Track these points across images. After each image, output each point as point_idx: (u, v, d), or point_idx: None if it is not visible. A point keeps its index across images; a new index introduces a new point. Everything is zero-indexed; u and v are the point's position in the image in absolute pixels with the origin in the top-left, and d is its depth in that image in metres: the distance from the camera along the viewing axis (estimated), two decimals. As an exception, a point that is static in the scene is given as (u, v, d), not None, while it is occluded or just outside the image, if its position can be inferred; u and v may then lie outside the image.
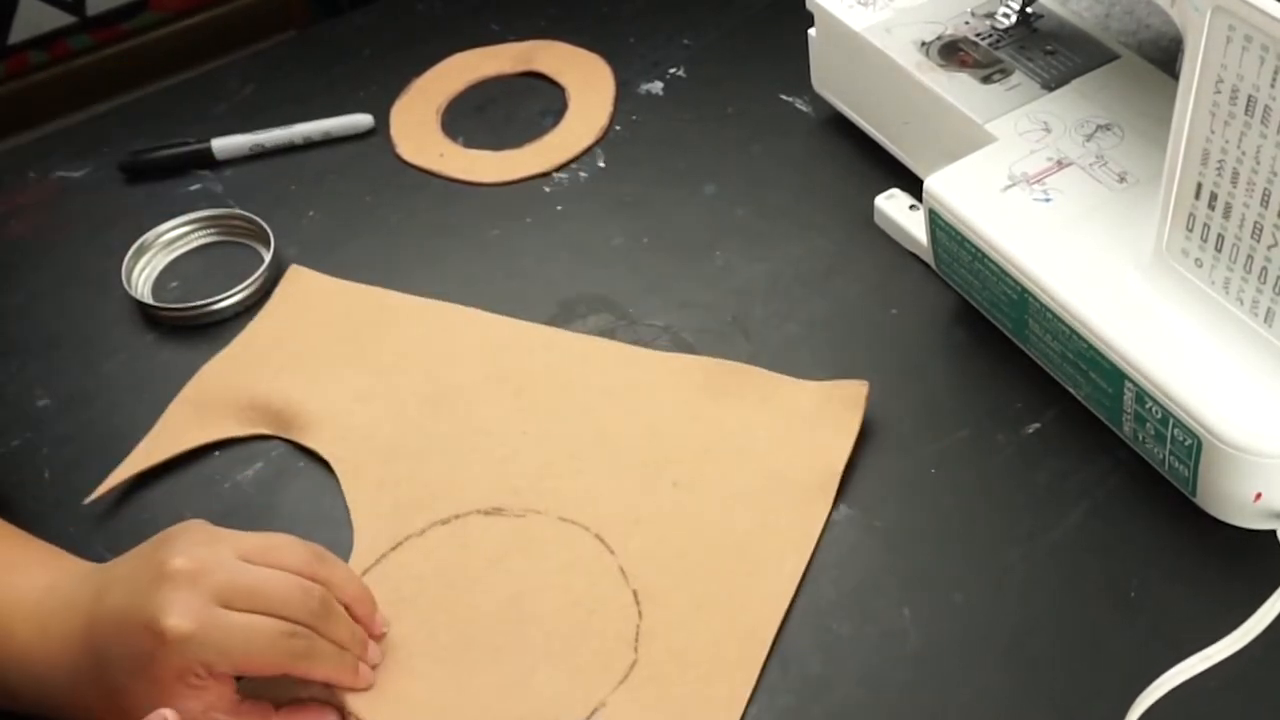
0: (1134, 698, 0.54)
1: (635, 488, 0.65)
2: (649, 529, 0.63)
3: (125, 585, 0.55)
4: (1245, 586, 0.57)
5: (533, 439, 0.68)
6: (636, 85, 0.90)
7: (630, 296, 0.75)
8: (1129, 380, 0.60)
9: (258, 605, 0.55)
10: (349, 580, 0.60)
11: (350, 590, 0.59)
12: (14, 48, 1.58)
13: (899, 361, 0.71)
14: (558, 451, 0.67)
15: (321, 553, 0.59)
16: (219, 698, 0.55)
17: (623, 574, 0.62)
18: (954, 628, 0.60)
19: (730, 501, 0.64)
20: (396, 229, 0.82)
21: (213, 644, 0.54)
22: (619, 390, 0.69)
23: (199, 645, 0.53)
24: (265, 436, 0.70)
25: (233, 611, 0.54)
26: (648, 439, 0.67)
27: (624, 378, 0.70)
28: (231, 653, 0.54)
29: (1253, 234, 0.56)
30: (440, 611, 0.62)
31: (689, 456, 0.66)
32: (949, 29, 0.76)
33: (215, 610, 0.54)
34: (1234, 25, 0.52)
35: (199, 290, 0.78)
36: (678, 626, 0.60)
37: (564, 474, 0.66)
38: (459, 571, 0.63)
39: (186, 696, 0.54)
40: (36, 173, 0.88)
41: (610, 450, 0.67)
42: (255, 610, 0.55)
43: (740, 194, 0.81)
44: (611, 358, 0.71)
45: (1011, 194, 0.66)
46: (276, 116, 0.89)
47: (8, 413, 0.73)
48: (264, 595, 0.55)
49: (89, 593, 0.56)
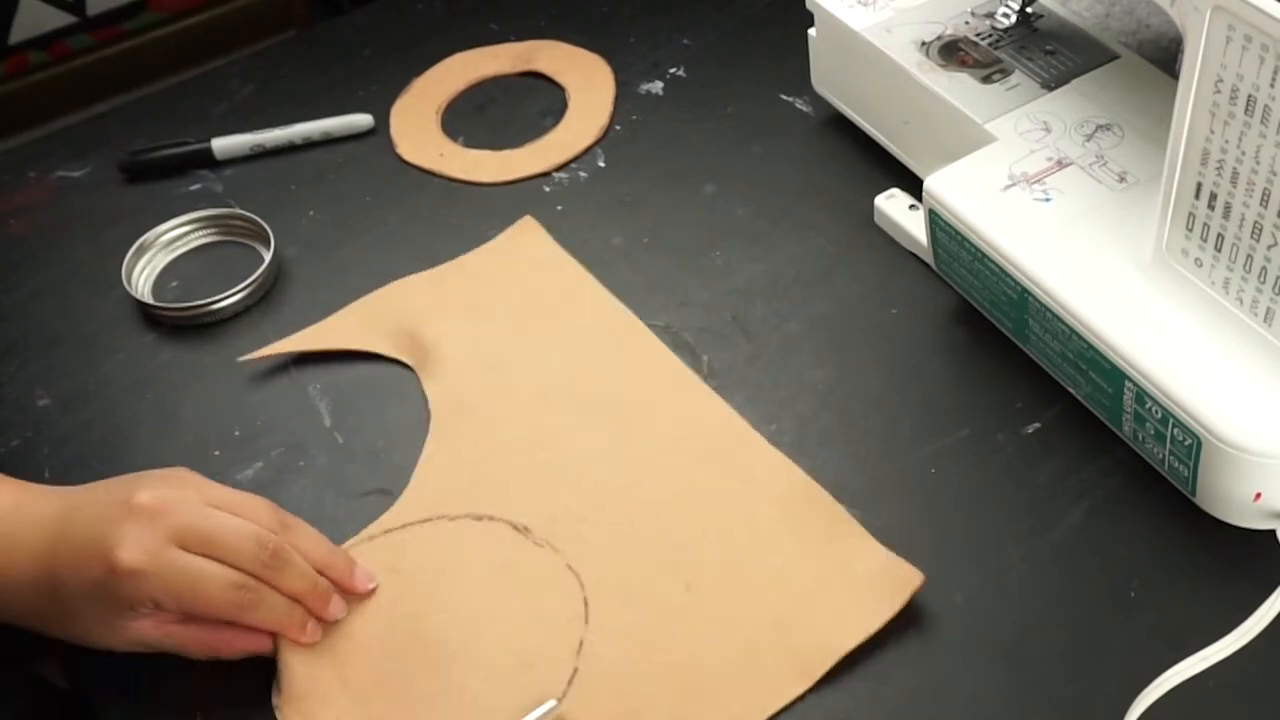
0: (1134, 698, 0.54)
1: (652, 570, 0.62)
2: (644, 622, 0.60)
3: (90, 512, 0.57)
4: (1245, 586, 0.57)
5: (595, 479, 0.66)
6: (636, 85, 0.90)
7: (630, 296, 0.75)
8: (1129, 380, 0.60)
9: (212, 551, 0.57)
10: (316, 545, 0.61)
11: (318, 555, 0.61)
12: (14, 48, 1.58)
13: (899, 361, 0.71)
14: (608, 500, 0.65)
15: (289, 519, 0.61)
16: (167, 622, 0.57)
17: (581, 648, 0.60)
18: (954, 628, 0.60)
19: (728, 625, 0.60)
20: (396, 229, 0.82)
21: (161, 583, 0.56)
22: (704, 460, 0.66)
23: (148, 581, 0.55)
24: (266, 436, 0.70)
25: (186, 555, 0.56)
26: (690, 525, 0.64)
27: (720, 452, 0.66)
28: (179, 594, 0.56)
29: (1253, 234, 0.56)
30: (417, 601, 0.62)
31: (717, 558, 0.62)
32: (949, 29, 0.76)
33: (169, 550, 0.56)
34: (1234, 25, 0.52)
35: (199, 290, 0.78)
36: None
37: (597, 526, 0.64)
38: (453, 570, 0.63)
39: (134, 621, 0.57)
40: (36, 173, 0.88)
41: (653, 523, 0.64)
42: (209, 554, 0.57)
43: (740, 194, 0.81)
44: (722, 426, 0.67)
45: (1011, 194, 0.66)
46: (276, 116, 0.89)
47: (8, 413, 0.73)
48: (219, 542, 0.57)
49: (55, 512, 0.58)
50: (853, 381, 0.70)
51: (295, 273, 0.80)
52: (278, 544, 0.58)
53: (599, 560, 0.62)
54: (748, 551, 0.62)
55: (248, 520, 0.59)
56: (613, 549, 0.63)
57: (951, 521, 0.64)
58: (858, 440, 0.67)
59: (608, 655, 0.59)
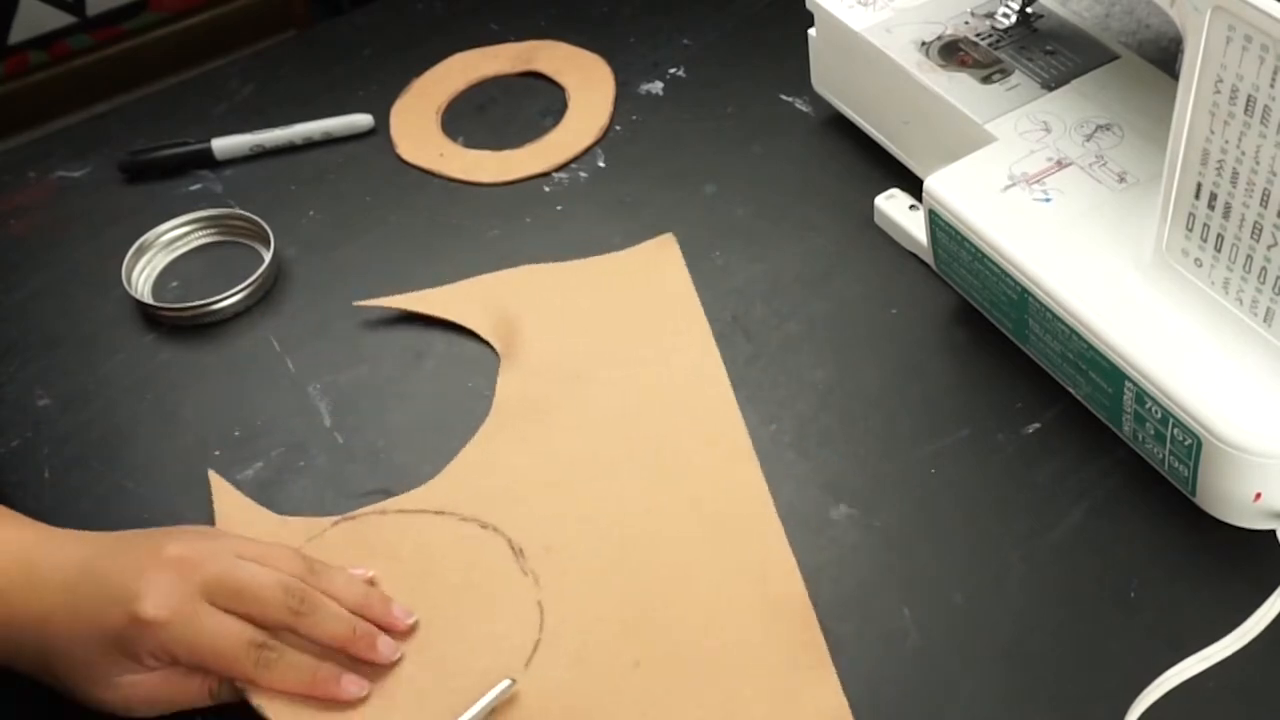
0: (1134, 698, 0.54)
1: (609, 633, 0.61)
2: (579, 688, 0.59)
3: (118, 561, 0.57)
4: (1245, 586, 0.57)
5: (607, 524, 0.64)
6: (636, 85, 0.90)
7: (630, 296, 0.75)
8: (1129, 380, 0.60)
9: (240, 603, 0.56)
10: (348, 587, 0.60)
11: (352, 596, 0.59)
12: (14, 48, 1.58)
13: (899, 361, 0.71)
14: (606, 549, 0.63)
15: (317, 565, 0.60)
16: (176, 674, 0.56)
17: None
18: (954, 628, 0.60)
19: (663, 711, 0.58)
20: (396, 229, 0.82)
21: (181, 638, 0.55)
22: (718, 539, 0.64)
23: (167, 633, 0.55)
24: (266, 436, 0.70)
25: (210, 610, 0.56)
26: (669, 605, 0.62)
27: (738, 535, 0.64)
28: (198, 651, 0.55)
29: (1252, 234, 0.56)
30: (394, 588, 0.62)
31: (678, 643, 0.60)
32: (949, 29, 0.76)
33: (195, 604, 0.55)
34: (1234, 25, 0.52)
35: (199, 290, 0.78)
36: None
37: (584, 571, 0.63)
38: (435, 571, 0.63)
39: (139, 676, 0.56)
40: (36, 173, 0.88)
41: (636, 587, 0.62)
42: (237, 609, 0.56)
43: (740, 194, 0.81)
44: (752, 509, 0.65)
45: (1011, 194, 0.66)
46: (276, 116, 0.89)
47: (8, 413, 0.73)
48: (248, 593, 0.56)
49: (79, 555, 0.57)
50: (853, 381, 0.70)
51: (295, 273, 0.80)
52: (305, 590, 0.57)
53: (567, 606, 0.61)
54: (710, 648, 0.59)
55: (277, 568, 0.58)
56: (585, 597, 0.61)
57: (951, 521, 0.64)
58: (858, 440, 0.67)
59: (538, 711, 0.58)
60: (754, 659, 0.59)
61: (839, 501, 0.64)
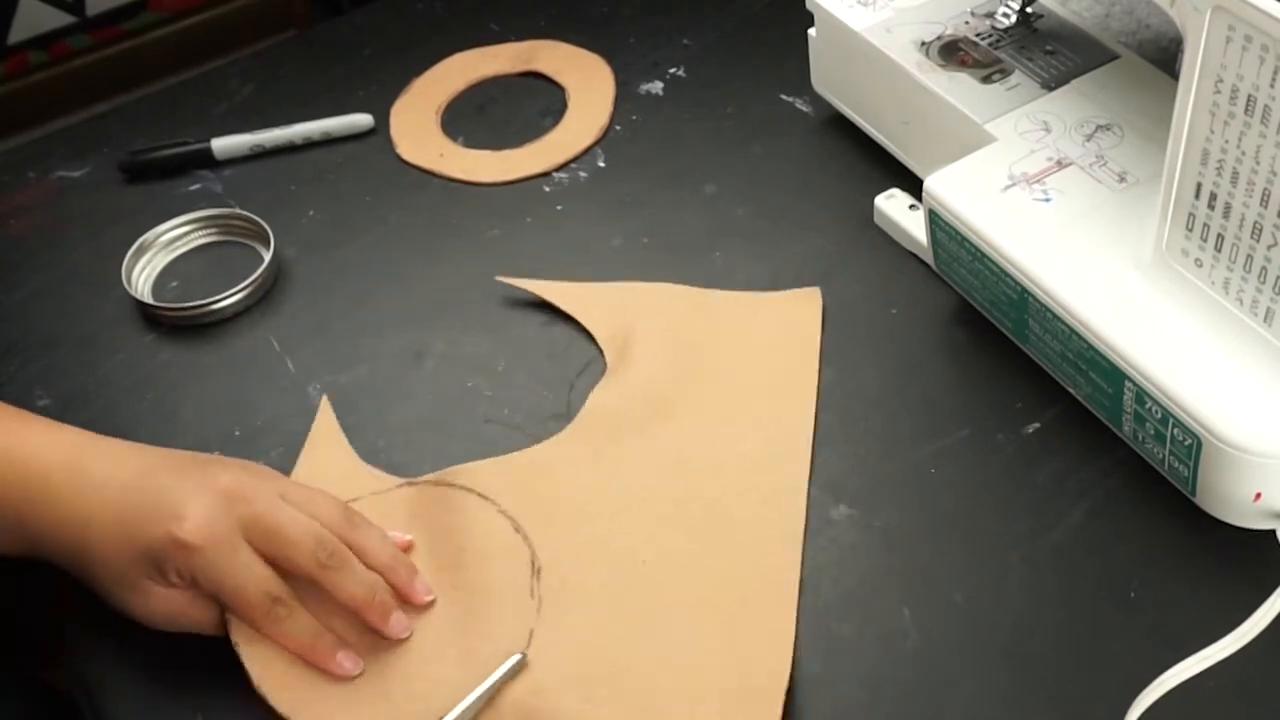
0: (1134, 698, 0.54)
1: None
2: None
3: (172, 477, 0.59)
4: (1245, 586, 0.57)
5: (629, 567, 0.63)
6: (636, 85, 0.90)
7: (630, 296, 0.75)
8: (1129, 380, 0.60)
9: (274, 544, 0.58)
10: (381, 547, 0.61)
11: (382, 557, 0.60)
12: (14, 48, 1.58)
13: (899, 361, 0.71)
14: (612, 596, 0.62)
15: (357, 518, 0.61)
16: (199, 597, 0.58)
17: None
18: (954, 628, 0.60)
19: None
20: (396, 229, 0.82)
21: (209, 567, 0.57)
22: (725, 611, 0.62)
23: (198, 561, 0.56)
24: (266, 435, 0.70)
25: (244, 547, 0.57)
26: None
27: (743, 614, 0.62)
28: (219, 583, 0.57)
29: (1253, 234, 0.56)
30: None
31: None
32: (949, 29, 0.76)
33: (232, 538, 0.57)
34: (1234, 25, 0.52)
35: (199, 290, 0.78)
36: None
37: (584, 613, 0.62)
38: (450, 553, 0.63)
39: (167, 586, 0.58)
40: (36, 173, 0.88)
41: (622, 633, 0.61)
42: (269, 549, 0.58)
43: (740, 194, 0.81)
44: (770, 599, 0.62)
45: (1011, 194, 0.66)
46: (276, 116, 0.89)
47: (8, 413, 0.73)
48: (283, 536, 0.58)
49: (137, 463, 0.60)
50: (852, 381, 0.70)
51: (295, 273, 0.80)
52: (337, 545, 0.59)
53: (556, 648, 0.60)
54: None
55: (318, 518, 0.59)
56: (575, 644, 0.60)
57: (951, 522, 0.64)
58: (858, 440, 0.67)
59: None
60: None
61: (839, 501, 0.64)
